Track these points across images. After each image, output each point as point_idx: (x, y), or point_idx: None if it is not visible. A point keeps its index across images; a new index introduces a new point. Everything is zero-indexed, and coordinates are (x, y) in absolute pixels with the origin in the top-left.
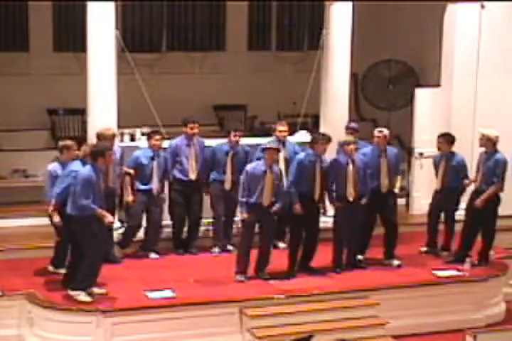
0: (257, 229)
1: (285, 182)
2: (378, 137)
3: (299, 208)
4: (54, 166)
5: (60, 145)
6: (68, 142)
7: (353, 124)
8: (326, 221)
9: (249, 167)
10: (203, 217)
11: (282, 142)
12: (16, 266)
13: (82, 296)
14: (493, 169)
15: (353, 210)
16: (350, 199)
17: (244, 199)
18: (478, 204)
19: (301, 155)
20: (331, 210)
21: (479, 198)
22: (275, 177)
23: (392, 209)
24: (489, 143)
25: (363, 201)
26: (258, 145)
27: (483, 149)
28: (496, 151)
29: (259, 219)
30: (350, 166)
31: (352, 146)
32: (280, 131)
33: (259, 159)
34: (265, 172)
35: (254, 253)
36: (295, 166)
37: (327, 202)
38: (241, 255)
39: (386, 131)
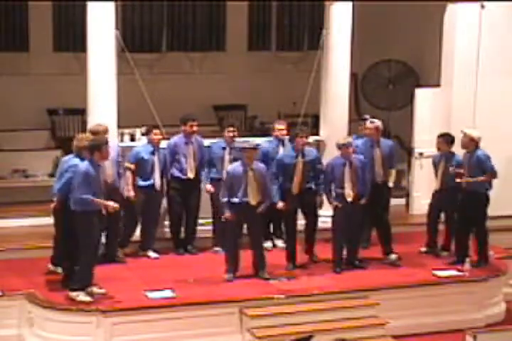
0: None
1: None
2: (370, 128)
3: (281, 205)
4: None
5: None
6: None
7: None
8: (326, 221)
9: (229, 167)
10: (202, 216)
11: (281, 141)
12: (16, 266)
13: (81, 296)
14: (477, 166)
15: (352, 210)
16: (349, 199)
17: (225, 199)
18: (459, 179)
19: (280, 152)
20: (328, 209)
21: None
22: (259, 175)
23: (384, 204)
24: (472, 144)
25: (362, 201)
26: (258, 145)
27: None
28: (476, 150)
29: (245, 219)
30: (347, 168)
31: (350, 149)
32: (279, 130)
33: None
34: (245, 172)
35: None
36: (274, 163)
37: (324, 197)
38: (227, 255)
39: (378, 122)
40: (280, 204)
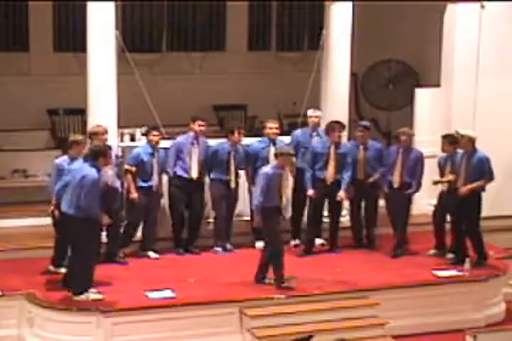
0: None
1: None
2: (316, 117)
3: (312, 192)
4: (62, 160)
5: (70, 141)
6: (79, 137)
7: (364, 122)
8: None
9: (267, 170)
10: (204, 216)
11: (273, 140)
12: (16, 266)
13: (92, 295)
14: (477, 168)
15: (396, 197)
16: (395, 186)
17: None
18: (462, 191)
19: (316, 142)
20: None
21: (465, 186)
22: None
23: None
24: (470, 144)
25: (409, 191)
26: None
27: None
28: (475, 150)
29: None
30: (400, 156)
31: (404, 137)
32: (271, 129)
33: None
34: (280, 175)
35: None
36: (310, 153)
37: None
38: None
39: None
40: (310, 192)
